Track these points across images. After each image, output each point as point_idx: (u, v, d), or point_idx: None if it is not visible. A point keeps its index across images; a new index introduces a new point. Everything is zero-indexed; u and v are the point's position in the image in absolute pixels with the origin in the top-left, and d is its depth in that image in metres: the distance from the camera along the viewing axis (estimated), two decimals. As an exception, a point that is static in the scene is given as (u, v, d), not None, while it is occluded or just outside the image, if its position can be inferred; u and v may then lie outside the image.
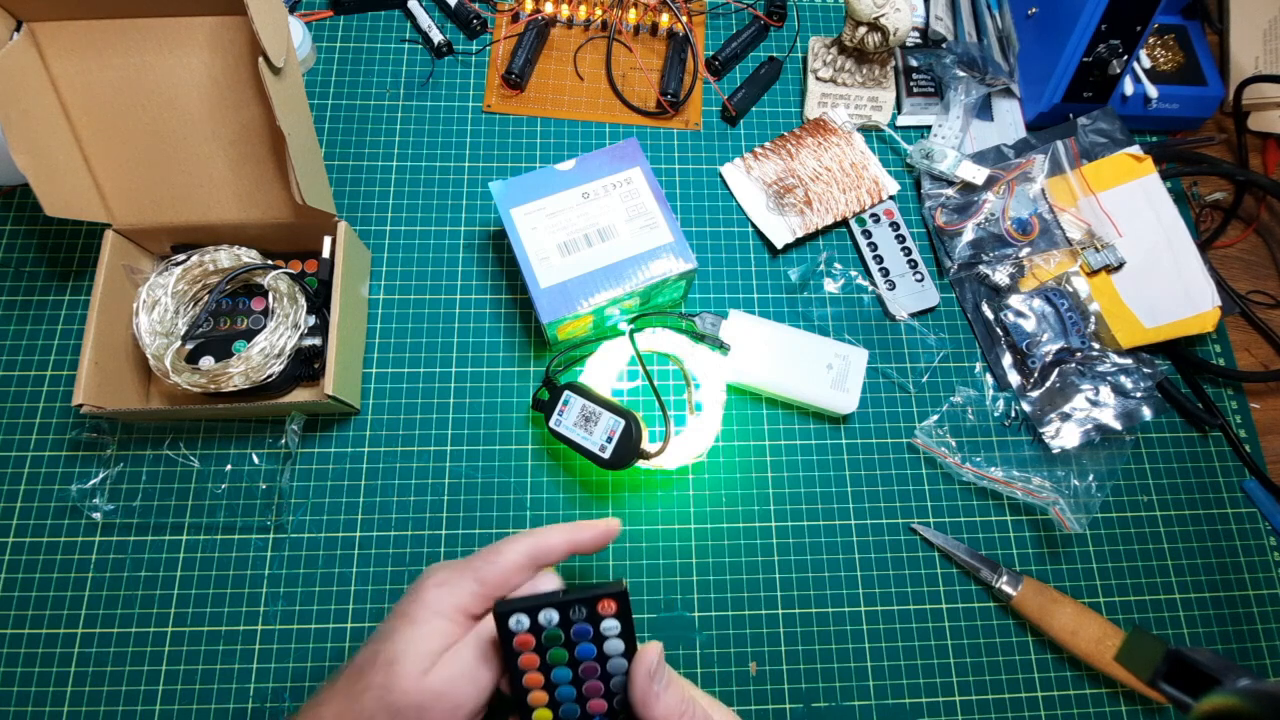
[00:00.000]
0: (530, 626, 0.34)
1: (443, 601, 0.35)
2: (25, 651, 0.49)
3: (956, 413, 0.57)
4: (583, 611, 0.34)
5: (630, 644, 0.35)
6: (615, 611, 0.34)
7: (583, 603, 0.34)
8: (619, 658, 0.35)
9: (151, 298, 0.50)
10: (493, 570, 0.36)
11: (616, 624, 0.34)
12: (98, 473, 0.52)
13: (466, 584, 0.36)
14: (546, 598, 0.34)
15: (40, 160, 0.46)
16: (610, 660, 0.35)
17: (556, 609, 0.34)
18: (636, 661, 0.34)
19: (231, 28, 0.48)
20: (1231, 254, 0.65)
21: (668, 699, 0.34)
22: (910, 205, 0.63)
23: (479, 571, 0.36)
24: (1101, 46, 0.60)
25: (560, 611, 0.34)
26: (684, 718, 0.34)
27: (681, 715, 0.34)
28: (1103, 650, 0.49)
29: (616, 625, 0.34)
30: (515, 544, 0.37)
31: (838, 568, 0.53)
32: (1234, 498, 0.57)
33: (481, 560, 0.37)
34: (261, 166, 0.51)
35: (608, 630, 0.35)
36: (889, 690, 0.51)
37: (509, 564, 0.36)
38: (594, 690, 0.36)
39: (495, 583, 0.36)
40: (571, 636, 0.35)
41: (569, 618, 0.34)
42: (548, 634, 0.34)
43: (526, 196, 0.54)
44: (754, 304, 0.59)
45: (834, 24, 0.69)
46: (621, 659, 0.35)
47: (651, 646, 0.35)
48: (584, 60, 0.66)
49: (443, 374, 0.56)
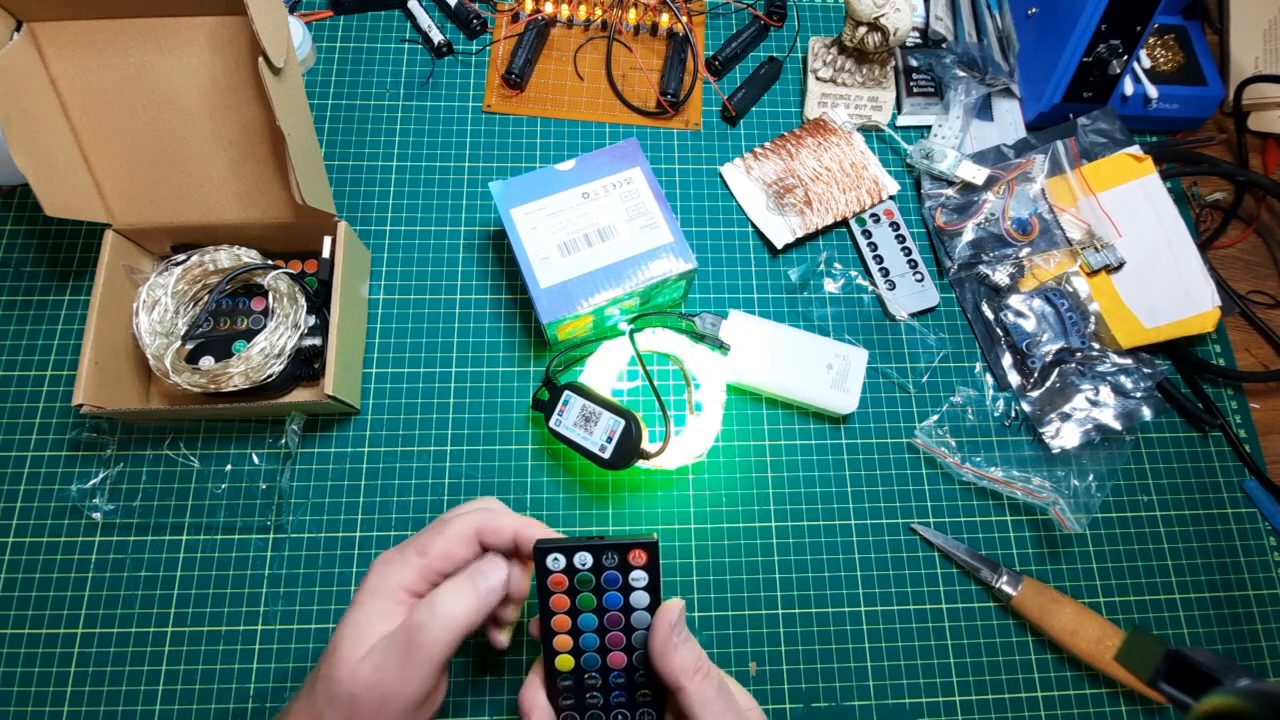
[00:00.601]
0: (565, 567, 0.36)
1: (387, 580, 0.35)
2: (25, 651, 0.49)
3: (956, 413, 0.57)
4: (615, 558, 0.36)
5: (655, 599, 0.37)
6: (645, 563, 0.36)
7: (616, 549, 0.36)
8: (643, 611, 0.37)
9: (151, 298, 0.50)
10: (437, 542, 0.36)
11: (645, 575, 0.36)
12: (98, 473, 0.52)
13: (410, 559, 0.36)
14: (583, 541, 0.36)
15: (40, 160, 0.46)
16: (634, 613, 0.37)
17: (591, 552, 0.36)
18: (660, 613, 0.36)
19: (231, 28, 0.48)
20: (1231, 254, 0.65)
21: (685, 652, 0.35)
22: (910, 205, 0.63)
23: (421, 544, 0.36)
24: (1101, 46, 0.60)
25: (594, 556, 0.36)
26: (698, 673, 0.35)
27: (696, 671, 0.35)
28: (1103, 650, 0.49)
29: (644, 577, 0.36)
30: (462, 518, 0.37)
31: (838, 568, 0.53)
32: (1234, 498, 0.57)
33: (426, 533, 0.37)
34: (261, 166, 0.51)
35: (635, 581, 0.36)
36: (889, 690, 0.51)
37: (454, 534, 0.36)
38: (616, 642, 0.37)
39: (438, 554, 0.36)
40: (602, 583, 0.36)
41: (602, 563, 0.36)
42: (580, 577, 0.36)
43: (526, 196, 0.54)
44: (754, 304, 0.59)
45: (834, 24, 0.69)
46: (645, 613, 0.37)
47: (674, 602, 0.36)
48: (584, 60, 0.66)
49: (443, 374, 0.56)
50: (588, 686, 0.38)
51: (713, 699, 0.35)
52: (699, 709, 0.34)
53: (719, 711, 0.35)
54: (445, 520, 0.37)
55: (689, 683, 0.34)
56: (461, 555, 0.37)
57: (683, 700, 0.35)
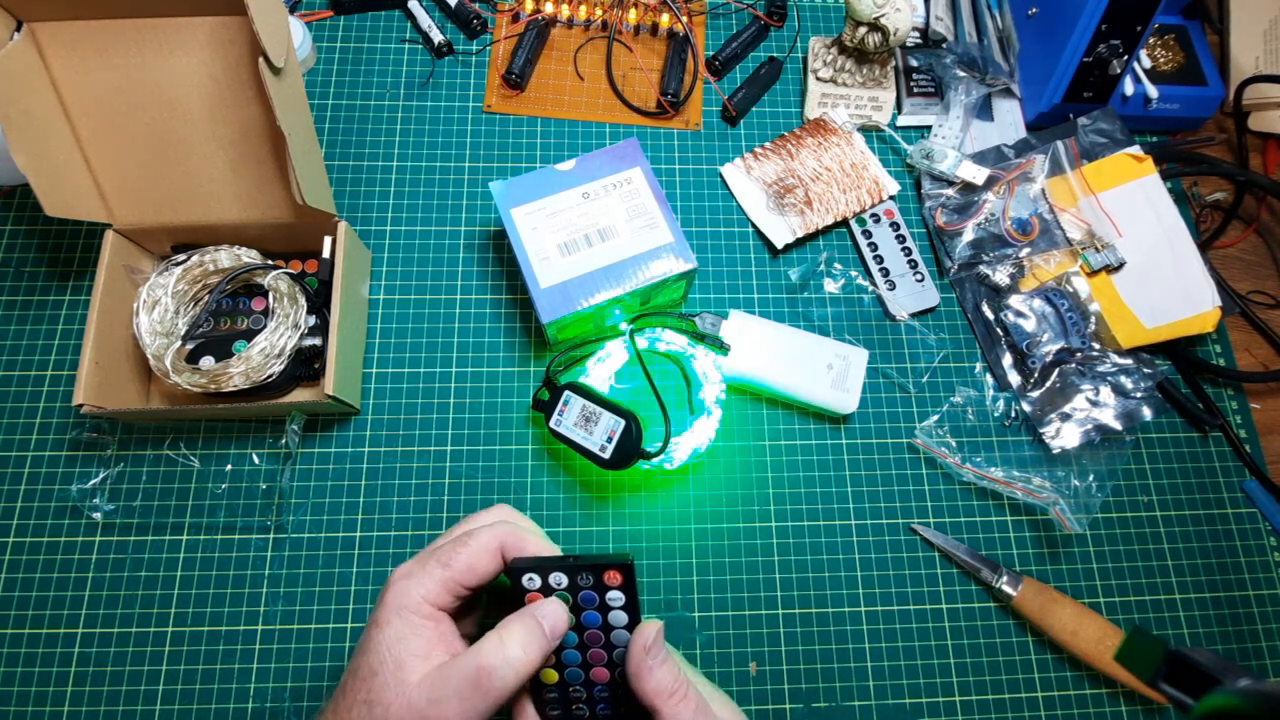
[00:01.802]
0: (541, 586, 0.36)
1: (409, 594, 0.34)
2: (25, 651, 0.49)
3: (956, 413, 0.57)
4: (589, 579, 0.35)
5: (634, 617, 0.36)
6: (620, 583, 0.35)
7: (590, 570, 0.35)
8: (622, 629, 0.36)
9: (151, 298, 0.50)
10: (461, 554, 0.35)
11: (621, 595, 0.36)
12: (98, 473, 0.52)
13: (431, 571, 0.34)
14: (557, 561, 0.35)
15: (40, 160, 0.46)
16: (614, 631, 0.36)
17: (565, 573, 0.35)
18: (635, 636, 0.35)
19: (231, 28, 0.48)
20: (1231, 254, 0.65)
21: (661, 674, 0.34)
22: (910, 205, 0.63)
23: (444, 556, 0.35)
24: (1102, 46, 0.60)
25: (569, 576, 0.35)
26: (675, 695, 0.34)
27: (673, 693, 0.34)
28: (1103, 650, 0.49)
29: (621, 597, 0.36)
30: (486, 532, 0.36)
31: (838, 568, 0.53)
32: (1234, 498, 0.57)
33: (449, 546, 0.35)
34: (261, 166, 0.51)
35: (613, 601, 0.36)
36: (889, 690, 0.51)
37: (479, 547, 0.35)
38: (597, 658, 0.37)
39: (462, 567, 0.35)
40: (579, 602, 0.36)
41: (577, 583, 0.36)
42: (557, 596, 0.36)
43: (526, 196, 0.54)
44: (754, 304, 0.59)
45: (834, 24, 0.69)
46: (624, 631, 0.36)
47: (650, 624, 0.35)
48: (584, 60, 0.66)
49: (443, 374, 0.56)
50: (573, 698, 0.38)
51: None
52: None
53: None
54: (469, 532, 0.36)
55: (664, 706, 0.34)
56: (485, 569, 0.35)
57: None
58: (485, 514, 0.38)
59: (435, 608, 0.34)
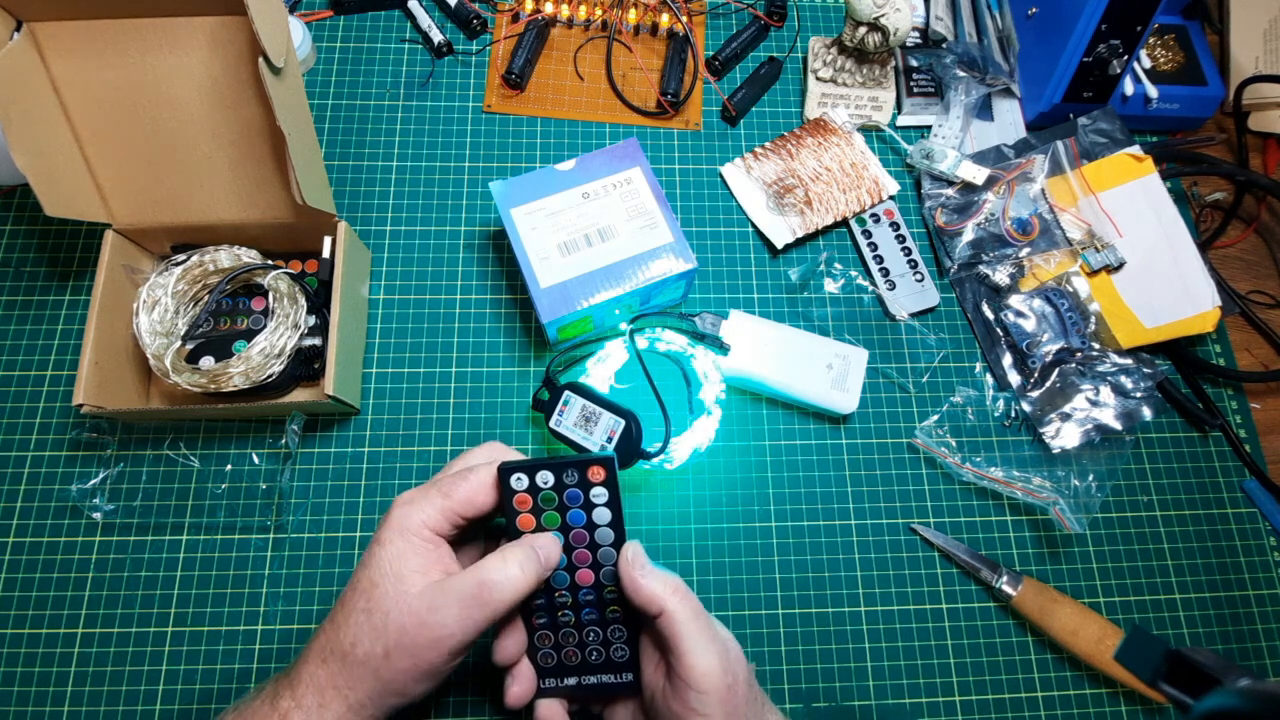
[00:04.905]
0: (528, 486, 0.37)
1: (410, 518, 0.36)
2: (25, 651, 0.49)
3: (956, 413, 0.57)
4: (575, 475, 0.38)
5: (617, 516, 0.38)
6: (603, 479, 0.38)
7: (575, 467, 0.38)
8: (605, 528, 0.39)
9: (151, 298, 0.50)
10: (461, 487, 0.37)
11: (605, 492, 0.38)
12: (98, 473, 0.52)
13: (433, 499, 0.37)
14: (544, 460, 0.38)
15: (40, 160, 0.46)
16: (598, 530, 0.39)
17: (552, 470, 0.38)
18: (620, 556, 0.38)
19: (231, 28, 0.48)
20: (1231, 254, 0.65)
21: (653, 579, 0.37)
22: (910, 205, 0.63)
23: (445, 487, 0.37)
24: (1101, 46, 0.60)
25: (555, 474, 0.38)
26: (677, 592, 0.36)
27: (675, 590, 0.36)
28: (1103, 650, 0.49)
29: (605, 494, 0.38)
30: (486, 469, 0.38)
31: (838, 568, 0.53)
32: (1234, 498, 0.57)
33: (451, 478, 0.38)
34: (261, 166, 0.51)
35: (596, 498, 0.38)
36: (889, 690, 0.51)
37: (479, 482, 0.37)
38: (582, 559, 0.39)
39: (462, 499, 0.37)
40: (565, 500, 0.38)
41: (563, 480, 0.38)
42: (543, 495, 0.38)
43: (526, 196, 0.54)
44: (754, 304, 0.59)
45: (834, 24, 0.69)
46: (608, 529, 0.39)
47: (631, 544, 0.38)
48: (584, 60, 0.66)
49: (443, 374, 0.56)
50: (559, 605, 0.40)
51: (691, 619, 0.35)
52: (679, 626, 0.35)
53: (699, 630, 0.35)
54: (469, 467, 0.38)
55: (668, 602, 0.35)
56: (483, 502, 0.37)
57: (663, 625, 0.35)
58: (477, 451, 0.41)
59: (434, 533, 0.37)
